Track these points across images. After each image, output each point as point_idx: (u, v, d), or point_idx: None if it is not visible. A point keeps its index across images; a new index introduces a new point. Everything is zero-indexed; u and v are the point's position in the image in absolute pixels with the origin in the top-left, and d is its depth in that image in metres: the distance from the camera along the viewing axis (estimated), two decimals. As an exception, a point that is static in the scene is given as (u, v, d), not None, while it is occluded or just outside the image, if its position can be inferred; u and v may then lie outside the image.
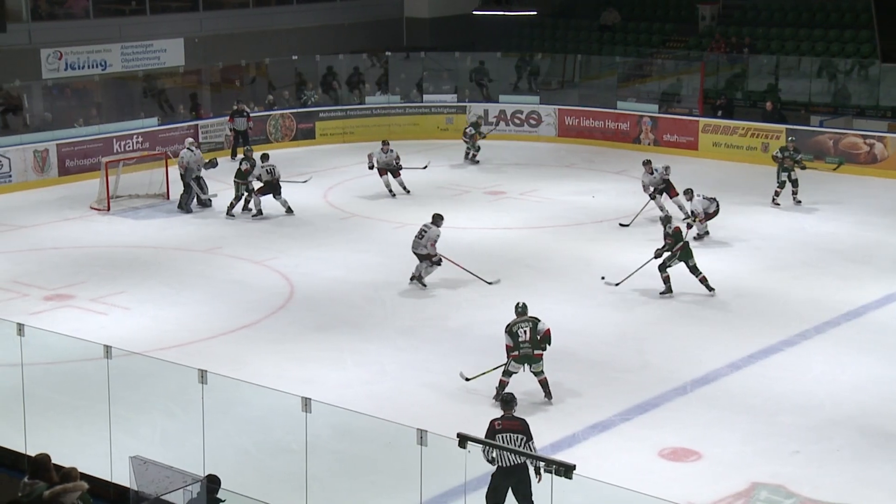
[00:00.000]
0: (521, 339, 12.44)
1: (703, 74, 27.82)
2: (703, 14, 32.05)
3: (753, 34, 30.62)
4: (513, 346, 12.47)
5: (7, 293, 16.21)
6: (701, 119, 26.38)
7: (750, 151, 25.37)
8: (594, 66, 30.74)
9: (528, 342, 12.46)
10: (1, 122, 23.76)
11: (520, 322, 12.56)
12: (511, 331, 12.50)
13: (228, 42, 29.05)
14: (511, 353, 12.48)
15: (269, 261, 18.00)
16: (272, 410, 11.55)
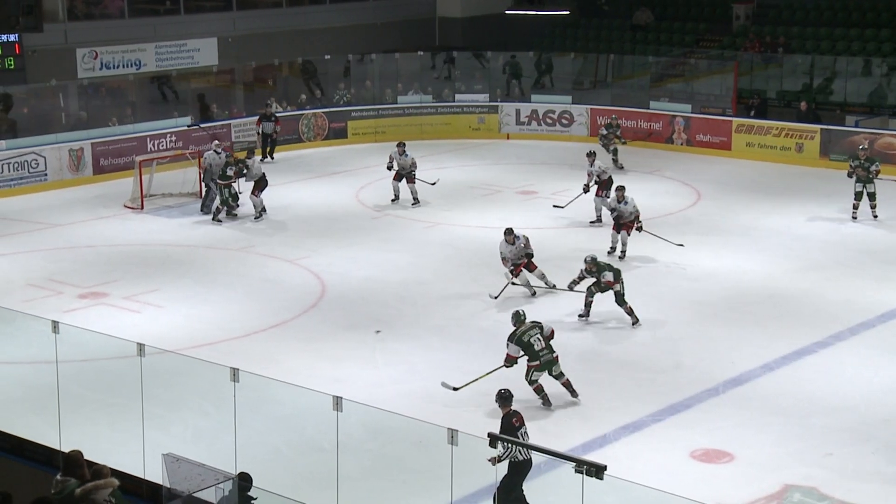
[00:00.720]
0: (538, 349, 12.36)
1: (737, 74, 27.64)
2: (737, 13, 31.83)
3: (788, 33, 30.38)
4: (530, 356, 12.37)
5: (42, 291, 16.36)
6: (734, 119, 26.22)
7: (784, 152, 25.18)
8: (627, 66, 30.59)
9: (545, 349, 12.42)
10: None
11: (528, 331, 12.46)
12: (521, 341, 12.38)
13: (261, 41, 29.17)
14: (531, 363, 12.40)
15: (301, 260, 18.07)
16: (304, 409, 11.57)
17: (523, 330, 12.44)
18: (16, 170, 22.44)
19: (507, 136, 28.24)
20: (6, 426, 9.87)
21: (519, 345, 12.38)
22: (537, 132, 28.10)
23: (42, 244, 19.04)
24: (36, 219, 20.63)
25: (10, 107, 24.33)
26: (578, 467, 8.15)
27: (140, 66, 26.92)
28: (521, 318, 12.62)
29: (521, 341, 12.37)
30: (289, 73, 29.71)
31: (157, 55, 27.30)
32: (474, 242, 19.14)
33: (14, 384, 12.76)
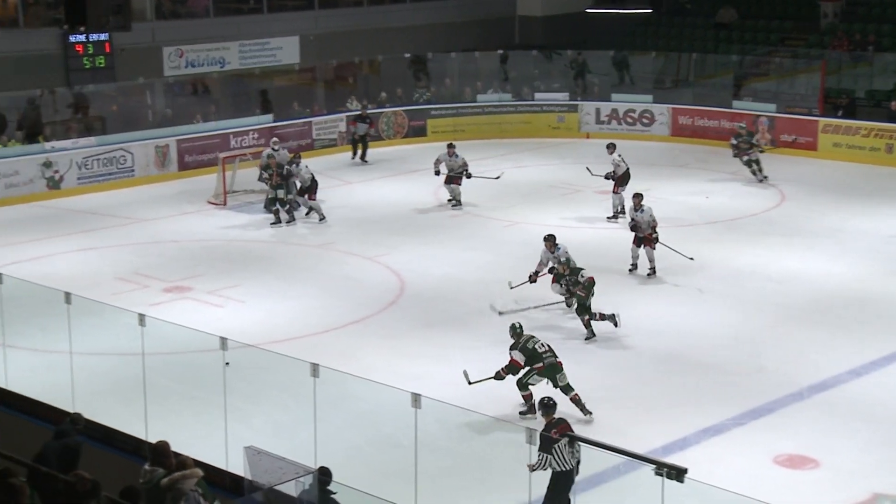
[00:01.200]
0: (542, 351, 12.10)
1: (825, 73, 27.12)
2: (825, 11, 31.23)
3: (879, 31, 29.71)
4: (534, 360, 12.11)
5: (129, 284, 16.70)
6: (821, 119, 25.73)
7: (873, 152, 24.65)
8: (709, 65, 30.21)
9: (549, 351, 12.18)
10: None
11: (530, 338, 12.23)
12: (525, 348, 12.11)
13: (342, 39, 29.40)
14: (534, 364, 12.13)
15: (381, 257, 18.18)
16: (382, 405, 11.65)
17: (526, 338, 12.22)
18: (105, 166, 22.94)
19: (586, 136, 28.08)
20: (95, 416, 10.09)
21: (523, 352, 12.12)
22: (617, 131, 27.87)
23: (129, 239, 19.43)
24: (123, 214, 21.06)
25: (85, 107, 24.78)
26: (658, 470, 8.09)
27: (224, 64, 27.32)
28: (516, 329, 12.35)
29: (526, 349, 12.11)
30: (369, 71, 29.90)
31: (241, 53, 27.69)
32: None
33: (103, 375, 13.04)
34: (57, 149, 22.54)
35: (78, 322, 11.75)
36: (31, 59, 23.98)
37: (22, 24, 24.53)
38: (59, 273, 16.96)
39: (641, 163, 25.31)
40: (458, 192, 21.31)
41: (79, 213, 21.09)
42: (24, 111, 23.57)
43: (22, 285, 13.54)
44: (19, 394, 11.05)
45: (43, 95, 24.16)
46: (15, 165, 21.85)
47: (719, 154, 25.77)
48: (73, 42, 24.50)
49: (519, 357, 12.11)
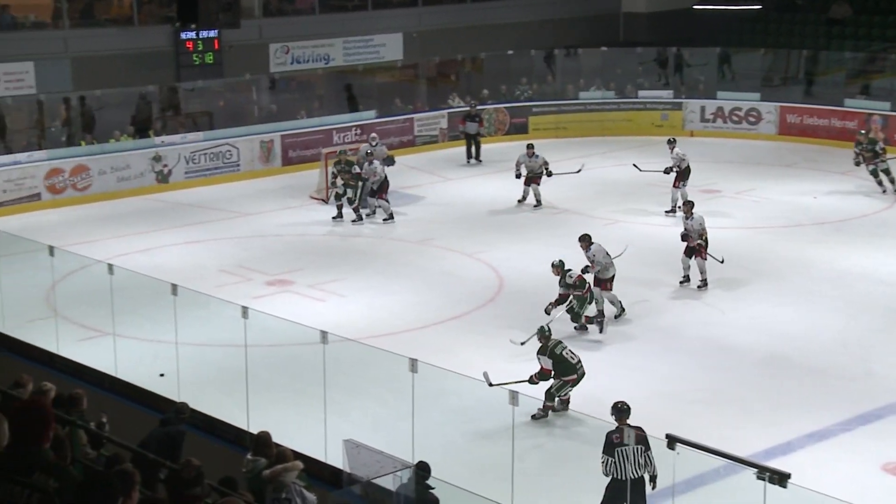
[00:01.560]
0: (574, 361, 11.88)
1: (944, 71, 26.29)
2: (944, 6, 30.25)
3: None
4: (564, 370, 11.84)
5: (233, 277, 17.02)
6: (939, 119, 24.92)
7: None
8: (821, 62, 29.48)
9: (580, 361, 11.98)
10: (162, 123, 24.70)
11: (558, 343, 11.97)
12: (554, 354, 11.85)
13: (445, 36, 29.48)
14: (567, 377, 11.89)
15: (480, 254, 18.19)
16: (480, 401, 11.67)
17: (554, 343, 11.96)
18: (211, 160, 23.43)
19: (690, 134, 27.68)
20: (199, 405, 10.30)
21: (552, 358, 11.85)
22: (722, 129, 27.44)
23: (234, 232, 19.80)
24: (228, 207, 21.48)
25: (176, 104, 25.13)
26: (761, 474, 7.94)
27: (328, 60, 27.63)
28: (545, 332, 12.10)
29: (554, 354, 11.85)
30: (471, 68, 29.93)
31: (345, 50, 27.97)
32: (654, 241, 18.85)
33: (207, 366, 13.32)
34: (166, 143, 23.09)
35: (183, 313, 12.03)
36: (143, 56, 24.59)
37: (136, 23, 25.16)
38: (166, 265, 17.37)
39: (747, 162, 24.89)
40: (539, 193, 21.11)
41: (186, 206, 21.56)
42: (136, 106, 24.18)
43: (131, 276, 13.93)
44: (128, 382, 11.35)
45: (163, 91, 24.74)
46: (127, 159, 22.45)
47: (829, 153, 25.20)
48: (183, 39, 25.04)
49: (547, 363, 11.85)
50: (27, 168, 21.23)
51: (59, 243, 15.38)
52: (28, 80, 23.11)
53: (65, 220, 20.43)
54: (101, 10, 26.16)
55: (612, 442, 9.54)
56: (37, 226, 19.62)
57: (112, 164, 22.23)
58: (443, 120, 27.02)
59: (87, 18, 25.36)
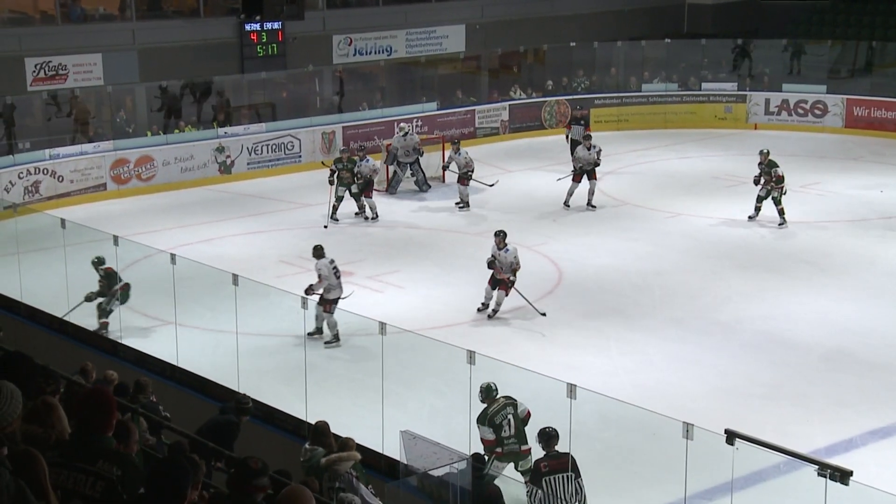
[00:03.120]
0: (504, 434, 9.94)
1: None
2: None
3: None
4: (495, 441, 9.96)
5: (292, 268, 17.14)
6: None
7: None
8: (890, 54, 28.93)
9: (512, 437, 9.97)
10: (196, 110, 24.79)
11: (499, 411, 10.00)
12: (492, 422, 9.96)
13: (508, 28, 29.38)
14: (494, 449, 10.00)
15: (539, 246, 18.13)
16: (537, 394, 11.61)
17: (494, 409, 10.01)
18: (273, 151, 23.62)
19: (754, 127, 27.33)
20: (258, 394, 10.40)
21: (491, 426, 9.98)
22: (787, 122, 27.05)
23: (294, 223, 19.94)
24: (289, 198, 21.64)
25: (226, 99, 25.19)
26: (822, 471, 7.82)
27: (391, 52, 27.68)
28: (492, 392, 10.12)
29: (493, 422, 9.97)
30: (534, 59, 29.80)
31: (408, 42, 28.00)
32: (716, 234, 18.66)
33: (266, 356, 13.43)
34: (229, 134, 23.32)
35: (244, 303, 12.13)
36: (208, 48, 24.83)
37: (202, 14, 25.42)
38: (227, 255, 17.55)
39: (811, 155, 24.51)
40: (465, 193, 20.52)
41: (248, 196, 21.76)
42: (161, 99, 24.29)
43: (193, 266, 14.08)
44: (188, 370, 11.49)
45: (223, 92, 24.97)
46: (190, 150, 22.71)
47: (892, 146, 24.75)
48: (248, 31, 25.25)
49: (487, 433, 9.97)
50: (94, 158, 21.56)
51: (124, 233, 15.60)
52: (96, 72, 23.46)
53: (129, 210, 20.74)
54: (167, 2, 26.48)
55: (539, 471, 8.94)
56: (102, 215, 19.93)
57: (176, 155, 22.51)
58: (504, 112, 26.95)
59: (154, 10, 25.69)
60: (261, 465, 5.40)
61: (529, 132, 27.07)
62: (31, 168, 20.69)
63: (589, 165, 20.49)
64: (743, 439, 9.21)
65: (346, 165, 19.94)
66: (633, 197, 21.14)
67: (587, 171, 20.44)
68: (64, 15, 24.05)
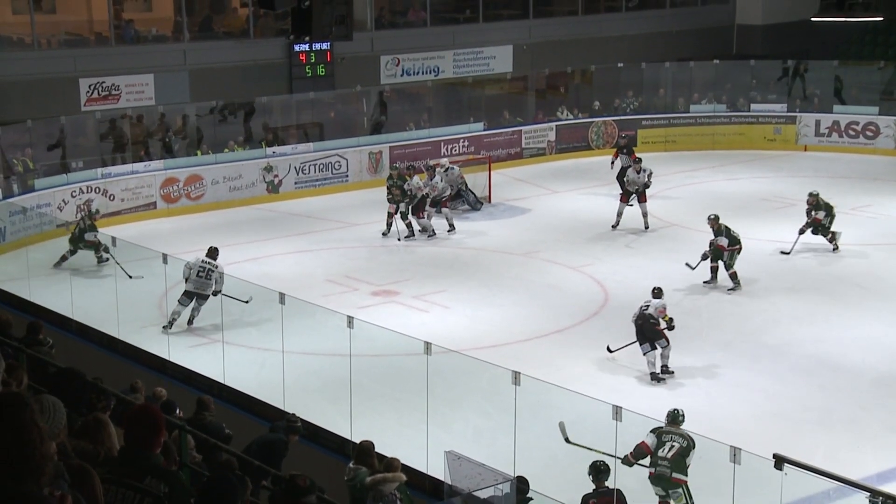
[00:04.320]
0: (661, 454, 10.03)
1: None
2: None
3: None
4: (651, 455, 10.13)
5: (339, 286, 17.24)
6: None
7: None
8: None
9: (667, 460, 10.05)
10: (245, 130, 24.94)
11: (673, 433, 10.16)
12: (660, 438, 10.14)
13: (556, 49, 29.41)
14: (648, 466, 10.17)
15: (585, 267, 18.08)
16: (582, 416, 11.57)
17: (670, 430, 10.20)
18: (321, 171, 23.79)
19: (804, 148, 27.09)
20: (303, 413, 10.46)
21: (657, 438, 10.16)
22: (838, 144, 26.78)
23: (341, 242, 20.05)
24: (336, 218, 21.76)
25: (251, 113, 25.32)
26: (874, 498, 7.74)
27: (438, 72, 27.81)
28: (678, 419, 10.33)
29: (660, 438, 10.15)
30: (581, 80, 29.79)
31: (455, 62, 28.12)
32: (765, 257, 18.50)
33: (312, 374, 13.50)
34: (277, 154, 23.53)
35: (290, 322, 12.23)
36: (258, 68, 25.12)
37: (252, 35, 25.72)
38: (274, 273, 17.68)
39: (863, 177, 24.25)
40: (426, 221, 20.14)
41: (295, 216, 21.93)
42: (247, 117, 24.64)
43: (241, 285, 14.20)
44: (235, 388, 11.58)
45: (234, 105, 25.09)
46: (239, 169, 22.94)
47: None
48: (297, 51, 25.50)
49: (650, 441, 10.19)
50: (144, 177, 21.85)
51: (173, 251, 15.79)
52: (148, 92, 23.83)
53: (178, 229, 20.96)
54: (218, 24, 26.82)
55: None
56: (152, 234, 20.17)
57: (225, 174, 22.74)
58: (551, 132, 26.95)
59: (206, 31, 26.03)
60: (309, 482, 5.43)
61: (576, 153, 27.04)
62: (83, 187, 21.00)
63: (637, 187, 20.39)
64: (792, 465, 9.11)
65: (397, 182, 20.04)
66: (680, 219, 21.01)
67: (637, 192, 20.35)
68: (118, 36, 24.46)
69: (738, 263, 16.79)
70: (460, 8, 29.47)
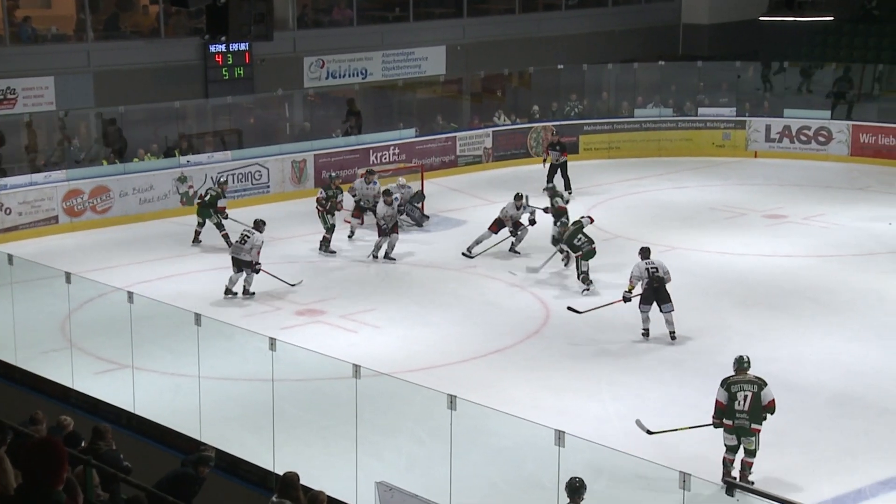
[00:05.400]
0: (737, 407, 11.06)
1: None
2: None
3: None
4: (727, 409, 11.15)
5: (261, 306, 17.12)
6: None
7: None
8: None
9: (745, 412, 11.04)
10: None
11: (741, 382, 11.15)
12: (729, 388, 11.15)
13: (492, 49, 29.57)
14: (724, 420, 11.19)
15: (525, 283, 18.16)
16: (524, 442, 11.60)
17: (736, 379, 11.20)
18: (240, 181, 23.62)
19: (754, 154, 27.56)
20: (222, 444, 10.35)
21: (727, 392, 11.16)
22: (789, 150, 27.29)
23: (262, 258, 19.84)
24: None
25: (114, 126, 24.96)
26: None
27: (366, 75, 27.80)
28: (743, 364, 11.37)
29: (730, 391, 11.12)
30: (518, 83, 29.98)
31: (384, 64, 28.13)
32: (714, 269, 18.75)
33: (231, 401, 13.36)
34: (192, 163, 23.31)
35: (207, 344, 12.09)
36: (170, 70, 24.89)
37: (163, 35, 25.49)
38: (190, 292, 17.51)
39: (816, 185, 24.72)
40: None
41: (212, 230, 21.70)
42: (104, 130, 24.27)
43: (152, 305, 14.03)
44: (146, 418, 11.42)
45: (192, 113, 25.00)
46: (150, 180, 22.69)
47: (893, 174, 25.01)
48: (213, 52, 25.31)
49: (722, 397, 11.17)
50: (44, 189, 21.50)
51: (77, 269, 15.56)
52: (48, 96, 23.48)
53: (83, 245, 20.67)
54: (126, 22, 26.53)
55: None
56: (53, 251, 19.87)
57: (134, 185, 22.47)
58: (487, 139, 27.08)
59: (112, 30, 25.73)
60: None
61: (515, 160, 27.19)
62: (-24, 199, 20.63)
63: (508, 222, 19.63)
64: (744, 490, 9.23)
65: (335, 193, 20.16)
66: (625, 230, 21.22)
67: (510, 227, 19.66)
68: (13, 35, 24.08)
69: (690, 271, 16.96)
70: (389, 6, 29.48)
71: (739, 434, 11.14)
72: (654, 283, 15.39)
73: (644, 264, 15.61)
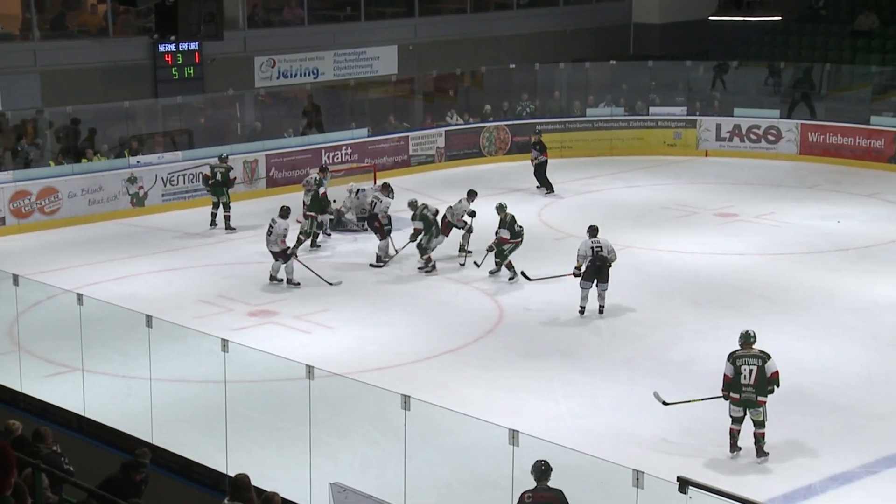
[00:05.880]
0: (743, 381, 11.76)
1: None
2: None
3: None
4: (733, 382, 11.85)
5: (212, 307, 17.02)
6: (970, 137, 25.02)
7: None
8: (845, 77, 29.63)
9: (751, 385, 11.78)
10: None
11: (746, 357, 11.86)
12: (734, 362, 11.86)
13: (443, 49, 29.61)
14: (731, 393, 11.90)
15: (478, 282, 18.20)
16: (477, 442, 11.63)
17: (742, 353, 11.91)
18: (190, 182, 23.45)
19: (705, 153, 27.80)
20: (174, 446, 10.28)
21: (733, 366, 11.85)
22: (740, 149, 27.54)
23: (213, 259, 19.80)
24: (209, 233, 21.49)
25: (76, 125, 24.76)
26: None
27: (318, 74, 27.73)
28: (749, 339, 12.02)
29: (735, 365, 11.84)
30: (471, 83, 30.03)
31: (336, 63, 28.07)
32: (666, 268, 18.89)
33: (183, 403, 13.28)
34: (142, 164, 23.11)
35: (159, 347, 12.01)
36: (118, 70, 24.67)
37: (111, 34, 25.25)
38: (140, 294, 17.38)
39: (766, 183, 24.96)
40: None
41: (163, 231, 21.59)
42: (66, 129, 24.01)
43: (102, 307, 13.90)
44: (97, 421, 11.32)
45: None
46: (99, 181, 22.46)
47: (854, 175, 25.32)
48: (162, 52, 25.13)
49: (729, 371, 11.87)
50: (-10, 190, 21.25)
51: (24, 271, 15.37)
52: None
53: (31, 247, 20.44)
54: (73, 21, 26.24)
55: (522, 501, 9.37)
56: (0, 253, 19.62)
57: (83, 186, 22.24)
58: (440, 138, 27.10)
59: (58, 30, 25.45)
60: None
61: (467, 160, 27.24)
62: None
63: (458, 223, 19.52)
64: (696, 487, 9.29)
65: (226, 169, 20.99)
66: (576, 229, 21.25)
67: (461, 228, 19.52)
68: (-43, 34, 23.78)
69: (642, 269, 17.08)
70: (340, 5, 29.41)
71: (746, 406, 11.77)
72: (597, 261, 16.01)
73: (590, 242, 16.26)
